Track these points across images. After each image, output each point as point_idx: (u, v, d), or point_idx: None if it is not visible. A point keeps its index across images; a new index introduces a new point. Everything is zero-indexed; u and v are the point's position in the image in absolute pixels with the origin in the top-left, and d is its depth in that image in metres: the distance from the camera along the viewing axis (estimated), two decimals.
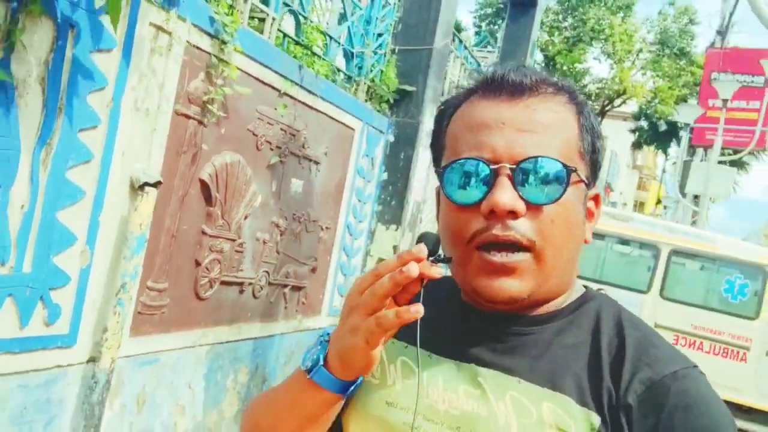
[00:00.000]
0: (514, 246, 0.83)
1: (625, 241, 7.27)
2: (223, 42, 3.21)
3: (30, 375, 2.58)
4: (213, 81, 3.23)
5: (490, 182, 0.83)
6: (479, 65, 7.46)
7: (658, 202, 38.80)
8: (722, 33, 16.60)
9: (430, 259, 0.79)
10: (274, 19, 3.83)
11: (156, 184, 2.89)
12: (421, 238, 0.84)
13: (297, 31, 4.26)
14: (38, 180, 2.42)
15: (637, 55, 30.45)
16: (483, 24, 28.90)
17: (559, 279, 0.89)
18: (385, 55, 5.28)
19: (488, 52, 9.49)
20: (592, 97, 30.86)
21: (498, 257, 0.83)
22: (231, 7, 3.35)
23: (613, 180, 33.57)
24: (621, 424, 0.79)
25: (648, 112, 30.58)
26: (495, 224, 0.83)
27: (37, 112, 2.37)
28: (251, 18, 3.66)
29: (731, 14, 16.05)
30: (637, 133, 32.25)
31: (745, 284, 6.55)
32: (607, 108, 31.54)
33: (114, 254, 2.83)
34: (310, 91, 4.14)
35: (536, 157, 0.83)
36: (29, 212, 2.42)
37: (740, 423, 6.71)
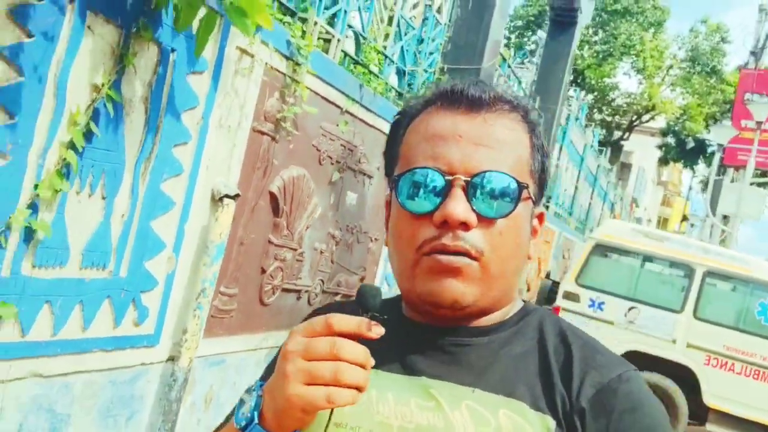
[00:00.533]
0: (463, 255, 0.84)
1: (659, 261, 7.36)
2: (297, 63, 3.40)
3: (118, 372, 2.78)
4: (286, 100, 3.42)
5: (444, 193, 0.84)
6: (520, 82, 7.61)
7: (684, 219, 38.53)
8: (756, 54, 16.57)
9: (369, 315, 0.78)
10: (339, 40, 4.03)
11: (235, 197, 3.08)
12: (362, 293, 0.81)
13: (357, 51, 4.45)
14: (137, 191, 2.63)
15: (668, 71, 30.36)
16: (512, 36, 29.03)
17: (502, 291, 0.90)
18: (434, 74, 5.46)
19: (525, 68, 9.62)
20: (620, 112, 30.83)
21: (445, 258, 0.84)
22: (303, 30, 3.55)
23: (639, 195, 33.37)
24: (575, 426, 0.82)
25: (676, 128, 30.44)
26: (446, 234, 0.84)
27: (140, 130, 2.58)
28: (318, 38, 3.86)
29: (767, 35, 16.02)
30: (664, 149, 32.10)
31: None
32: (635, 123, 31.47)
33: (195, 261, 3.02)
34: (368, 109, 4.32)
35: (490, 171, 0.85)
36: (128, 221, 2.62)
37: None
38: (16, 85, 2.05)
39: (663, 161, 33.43)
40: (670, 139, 31.26)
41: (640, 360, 6.77)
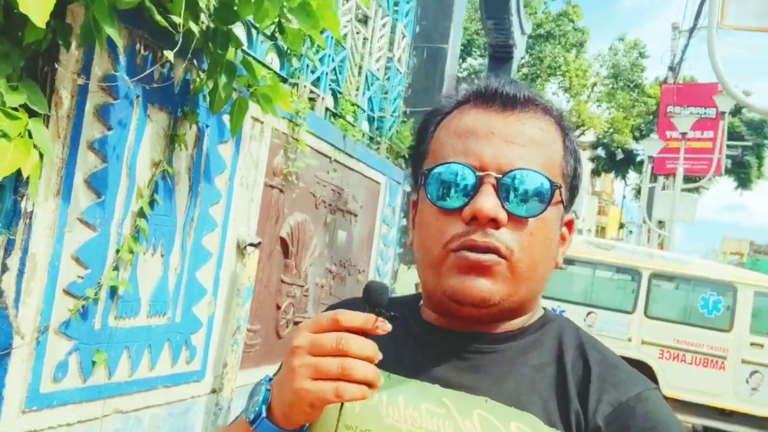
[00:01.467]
0: (492, 252, 0.82)
1: (609, 267, 8.09)
2: (297, 124, 3.92)
3: (175, 405, 3.19)
4: (289, 156, 3.93)
5: (474, 189, 0.82)
6: None
7: (621, 226, 40.26)
8: (674, 69, 17.93)
9: (377, 311, 0.76)
10: (323, 98, 4.57)
11: (257, 245, 3.56)
12: (369, 290, 0.79)
13: (335, 105, 5.00)
14: (186, 247, 3.08)
15: (593, 88, 31.97)
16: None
17: (529, 294, 0.87)
18: (399, 117, 6.05)
19: None
20: None
21: (474, 255, 0.82)
22: (292, 93, 4.07)
23: (577, 207, 34.75)
24: None
25: (605, 141, 32.03)
26: (475, 231, 0.82)
27: (186, 195, 3.04)
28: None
29: (683, 53, 17.40)
30: (595, 162, 33.65)
31: (718, 300, 7.41)
32: None
33: (229, 303, 3.47)
34: (349, 155, 4.86)
35: (523, 170, 0.83)
36: (180, 273, 3.06)
37: (721, 425, 7.51)
38: (102, 170, 2.51)
39: (595, 173, 34.98)
40: (601, 152, 32.87)
41: None
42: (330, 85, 4.81)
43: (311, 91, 4.47)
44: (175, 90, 2.84)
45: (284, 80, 4.16)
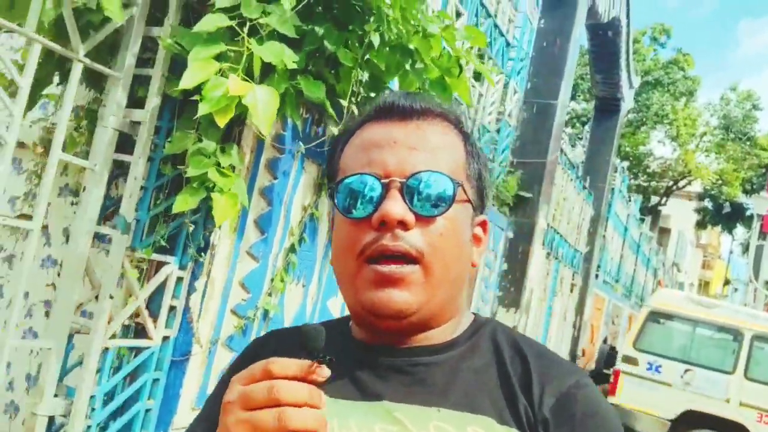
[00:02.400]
0: (404, 258, 0.83)
1: (710, 326, 8.02)
2: None
3: None
4: None
5: (381, 196, 0.84)
6: (574, 167, 8.52)
7: (726, 282, 38.41)
8: None
9: (316, 357, 0.71)
10: None
11: None
12: (304, 334, 0.74)
13: None
14: (321, 279, 3.55)
15: (701, 138, 31.02)
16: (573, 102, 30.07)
17: (446, 298, 0.88)
18: (506, 167, 6.41)
19: (573, 156, 10.53)
20: (656, 178, 31.46)
21: (386, 268, 0.83)
22: None
23: (679, 260, 33.55)
24: None
25: (713, 192, 30.90)
26: (385, 236, 0.83)
27: (325, 235, 3.52)
28: None
29: None
30: (701, 213, 32.46)
31: None
32: (672, 188, 32.01)
33: None
34: None
35: (425, 171, 0.85)
36: (315, 302, 3.53)
37: None
38: (267, 213, 3.01)
39: (701, 225, 33.71)
40: (708, 203, 31.73)
41: (697, 419, 7.38)
42: None
43: None
44: (326, 146, 3.33)
45: None
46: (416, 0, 2.74)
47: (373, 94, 3.14)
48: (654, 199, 31.94)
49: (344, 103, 2.87)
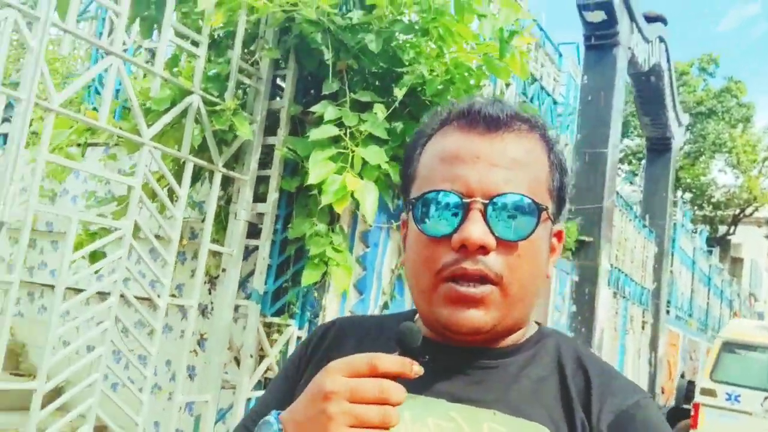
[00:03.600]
0: (482, 279, 0.83)
1: None
2: None
3: None
4: None
5: (462, 216, 0.83)
6: (632, 208, 8.85)
7: None
8: None
9: (417, 357, 0.76)
10: None
11: None
12: (404, 333, 0.78)
13: None
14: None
15: (764, 163, 30.43)
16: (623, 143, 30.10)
17: (522, 312, 0.89)
18: (565, 215, 6.84)
19: (632, 191, 10.83)
20: (722, 207, 30.87)
21: (464, 288, 0.83)
22: None
23: (755, 289, 32.48)
24: None
25: None
26: (464, 258, 0.83)
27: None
28: None
29: None
30: None
31: None
32: (739, 216, 31.30)
33: None
34: None
35: (509, 194, 0.84)
36: None
37: None
38: (363, 277, 3.56)
39: None
40: None
41: None
42: None
43: None
44: None
45: None
46: (475, 87, 3.29)
47: None
48: (722, 229, 31.28)
49: None
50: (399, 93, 2.74)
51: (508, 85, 5.48)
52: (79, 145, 3.03)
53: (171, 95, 2.72)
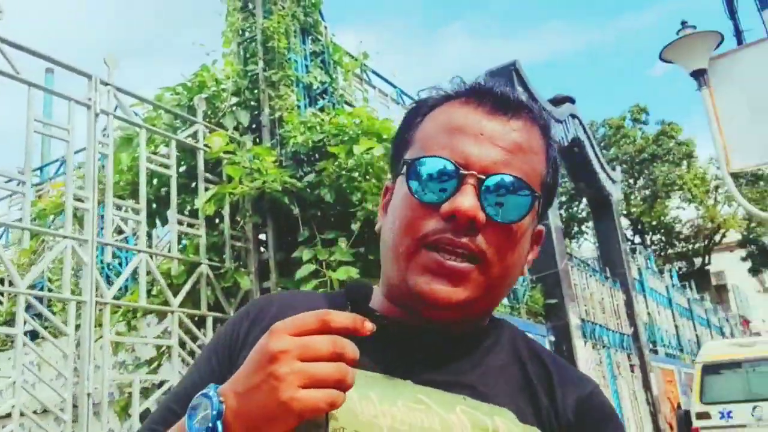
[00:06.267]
0: (466, 256, 0.81)
1: (757, 362, 8.79)
2: None
3: None
4: None
5: (456, 186, 0.81)
6: (588, 264, 9.75)
7: None
8: None
9: (363, 311, 0.73)
10: None
11: None
12: (352, 289, 0.76)
13: None
14: None
15: (716, 190, 31.82)
16: (562, 211, 31.45)
17: (495, 299, 0.89)
18: (528, 285, 7.69)
19: (591, 251, 11.75)
20: (691, 240, 31.94)
21: (449, 261, 0.81)
22: None
23: (745, 312, 33.15)
24: None
25: (751, 237, 31.16)
26: (452, 229, 0.81)
27: None
28: None
29: None
30: (750, 259, 32.44)
31: None
32: (710, 246, 32.34)
33: None
34: None
35: (507, 175, 0.82)
36: None
37: None
38: None
39: (753, 271, 33.60)
40: (752, 248, 31.90)
41: None
42: None
43: None
44: None
45: None
46: None
47: None
48: (699, 261, 32.22)
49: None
50: (355, 227, 3.62)
51: None
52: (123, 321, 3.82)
53: (184, 270, 3.56)
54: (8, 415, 4.04)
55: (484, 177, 0.82)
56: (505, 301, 7.25)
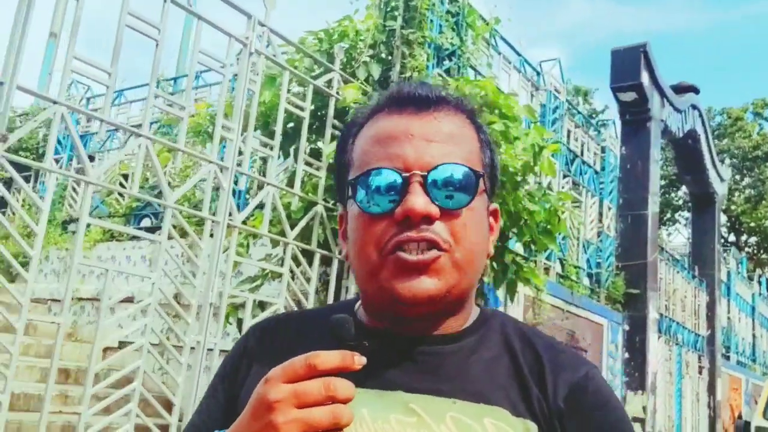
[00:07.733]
0: (429, 245, 0.83)
1: None
2: (539, 290, 5.81)
3: None
4: (535, 311, 5.79)
5: (403, 190, 0.84)
6: (678, 261, 9.59)
7: None
8: None
9: (351, 344, 0.74)
10: (553, 267, 6.45)
11: None
12: (336, 325, 0.76)
13: (562, 269, 6.84)
14: None
15: None
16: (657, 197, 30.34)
17: (469, 285, 0.90)
18: (613, 271, 7.70)
19: (682, 244, 11.49)
20: None
21: (413, 255, 0.83)
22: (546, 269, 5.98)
23: None
24: (555, 427, 0.84)
25: None
26: (408, 229, 0.83)
27: None
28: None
29: None
30: None
31: None
32: None
33: None
34: (577, 306, 6.59)
35: (447, 164, 0.85)
36: None
37: None
38: None
39: None
40: None
41: None
42: (558, 256, 6.69)
43: (545, 265, 6.38)
44: None
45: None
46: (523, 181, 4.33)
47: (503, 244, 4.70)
48: None
49: None
50: None
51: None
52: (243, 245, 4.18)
53: (302, 206, 3.85)
54: (129, 299, 4.58)
55: (426, 173, 0.85)
56: (586, 281, 7.32)
